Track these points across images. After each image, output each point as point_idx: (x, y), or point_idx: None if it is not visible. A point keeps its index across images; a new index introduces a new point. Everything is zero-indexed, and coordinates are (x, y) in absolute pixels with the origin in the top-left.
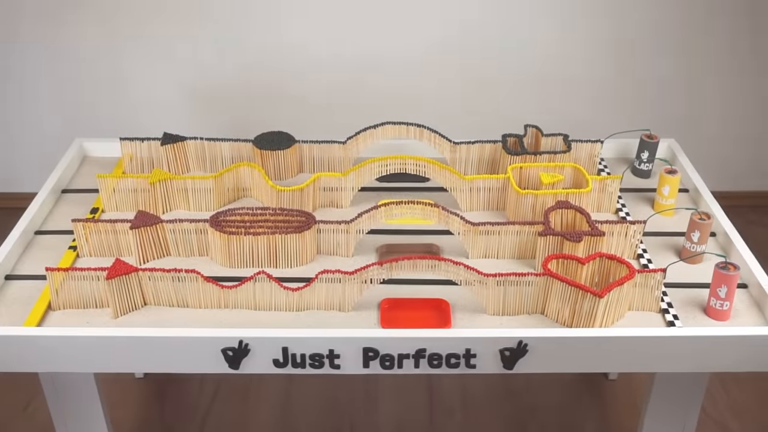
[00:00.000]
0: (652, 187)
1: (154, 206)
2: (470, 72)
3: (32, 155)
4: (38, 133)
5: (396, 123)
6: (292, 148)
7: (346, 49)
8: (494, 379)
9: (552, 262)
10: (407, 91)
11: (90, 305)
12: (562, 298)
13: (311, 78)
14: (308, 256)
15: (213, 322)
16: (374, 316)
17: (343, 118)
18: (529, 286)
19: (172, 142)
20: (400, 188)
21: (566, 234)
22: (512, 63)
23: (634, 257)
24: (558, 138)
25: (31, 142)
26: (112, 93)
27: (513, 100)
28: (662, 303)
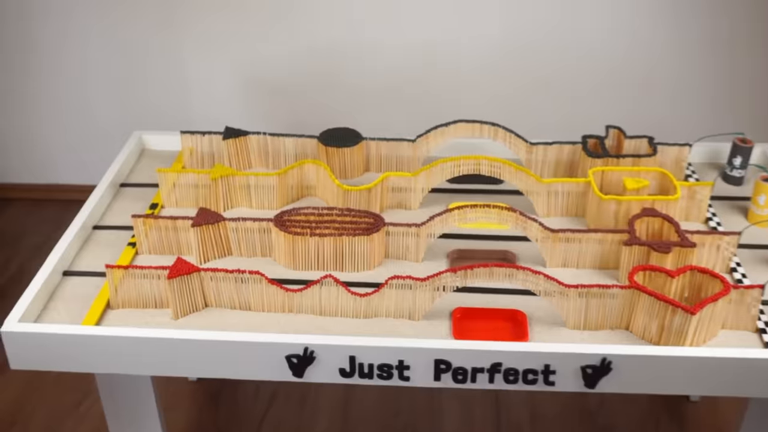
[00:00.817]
0: (745, 196)
1: (215, 203)
2: (546, 69)
3: (89, 147)
4: (95, 126)
5: (469, 121)
6: (359, 146)
7: (416, 42)
8: (566, 397)
9: (638, 274)
10: (480, 88)
11: (149, 305)
12: (650, 313)
13: (377, 72)
14: (376, 260)
15: (276, 326)
16: (446, 326)
17: (411, 115)
18: (613, 299)
19: (235, 137)
20: (471, 190)
21: (654, 244)
22: (589, 61)
23: (726, 271)
24: (642, 141)
25: (89, 135)
26: (170, 85)
27: (592, 100)
28: (759, 322)
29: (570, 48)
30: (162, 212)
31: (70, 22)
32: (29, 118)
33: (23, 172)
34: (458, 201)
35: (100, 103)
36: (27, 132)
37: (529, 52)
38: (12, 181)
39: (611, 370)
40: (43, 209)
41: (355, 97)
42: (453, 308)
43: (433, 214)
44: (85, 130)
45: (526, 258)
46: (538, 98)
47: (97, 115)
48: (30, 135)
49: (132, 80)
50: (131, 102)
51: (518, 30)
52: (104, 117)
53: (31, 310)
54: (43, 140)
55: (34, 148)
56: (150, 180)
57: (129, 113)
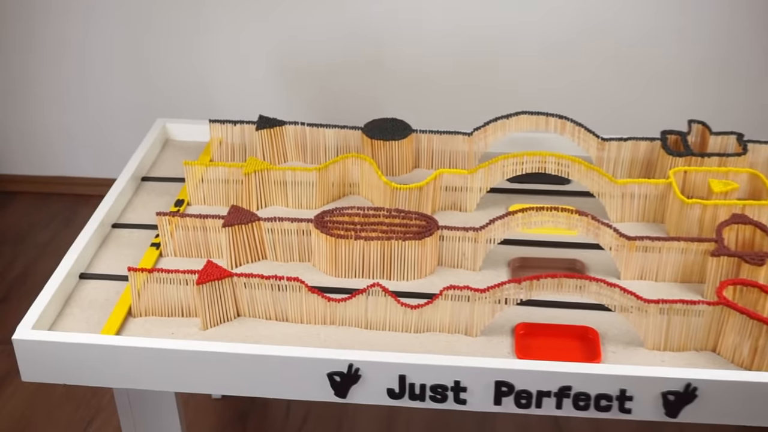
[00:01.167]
0: None
1: (248, 200)
2: (619, 58)
3: (102, 136)
4: (115, 114)
5: (533, 113)
6: (408, 139)
7: (469, 25)
8: (636, 425)
9: (728, 289)
10: (542, 76)
11: (175, 313)
12: (741, 333)
13: (427, 58)
14: (428, 267)
15: (316, 340)
16: (507, 343)
17: (464, 106)
18: (699, 316)
19: (269, 127)
20: (533, 191)
21: (745, 255)
22: (667, 50)
23: None
24: (730, 138)
25: (101, 122)
26: (195, 69)
27: (671, 91)
28: None
29: (644, 29)
30: (188, 210)
31: (83, 2)
32: (33, 101)
33: (27, 163)
34: (518, 203)
35: (114, 85)
36: (30, 117)
37: (598, 34)
38: (15, 172)
39: (696, 397)
40: (49, 204)
41: (403, 85)
42: (515, 323)
43: (493, 217)
44: (97, 116)
45: (597, 268)
46: (609, 89)
47: (111, 99)
48: (34, 121)
49: (153, 62)
50: (151, 86)
51: (587, 9)
52: (119, 102)
53: (45, 316)
54: (49, 127)
55: (38, 136)
56: (174, 173)
57: (148, 98)
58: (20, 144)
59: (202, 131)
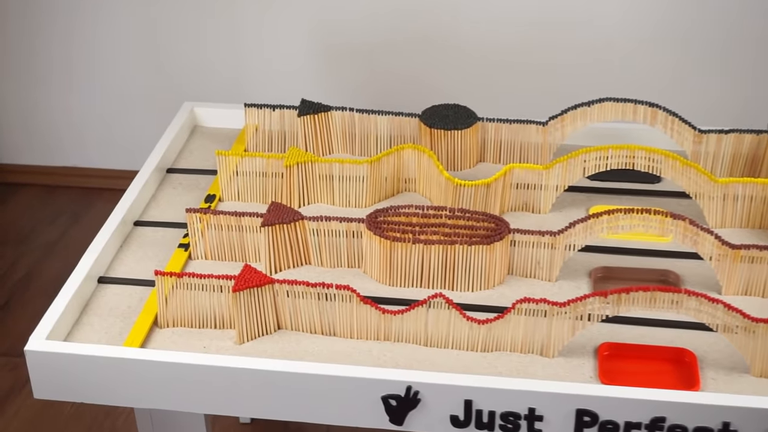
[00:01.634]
0: None
1: (289, 197)
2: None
3: (122, 124)
4: (130, 98)
5: (619, 100)
6: (473, 128)
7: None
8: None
9: None
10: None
11: (207, 324)
12: None
13: (495, 31)
14: (497, 276)
15: (368, 358)
16: (589, 366)
17: (540, 89)
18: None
19: (313, 113)
20: (617, 190)
21: None
22: None
23: None
24: None
25: (121, 109)
26: (226, 47)
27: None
28: None
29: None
30: (220, 206)
31: None
32: (38, 83)
33: (31, 152)
34: (600, 203)
35: (131, 66)
36: (34, 101)
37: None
38: (17, 162)
39: None
40: (56, 198)
41: (466, 65)
42: (599, 343)
43: (572, 219)
44: (110, 100)
45: (694, 281)
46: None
47: (127, 82)
48: (38, 105)
49: (176, 40)
50: (173, 67)
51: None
52: (135, 85)
53: (60, 325)
54: (55, 112)
55: (43, 122)
56: (204, 165)
57: (169, 81)
58: (23, 131)
59: (235, 117)
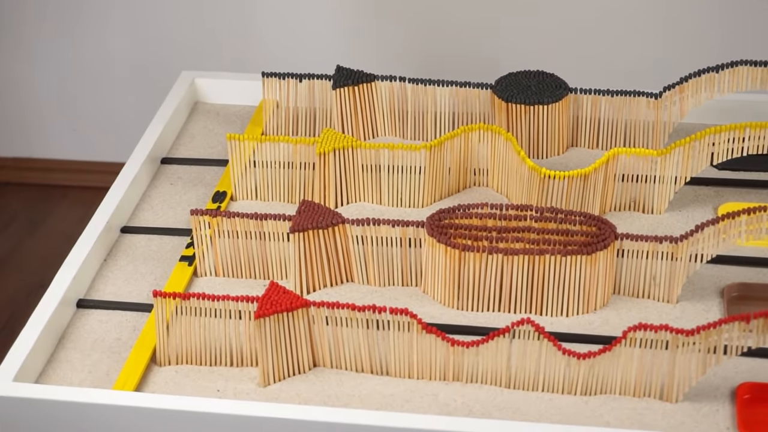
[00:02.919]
0: None
1: (324, 194)
2: None
3: (96, 102)
4: (117, 67)
5: (757, 63)
6: (563, 102)
7: None
8: None
9: None
10: None
11: (222, 360)
12: None
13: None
14: (601, 296)
15: (434, 404)
16: (725, 413)
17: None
18: None
19: (353, 84)
20: (757, 183)
21: None
22: None
23: None
24: None
25: (95, 83)
26: (232, 3)
27: None
28: None
29: None
30: (234, 206)
31: None
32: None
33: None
34: (733, 201)
35: (108, 27)
36: None
37: None
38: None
39: None
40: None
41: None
42: (737, 383)
43: (699, 222)
44: (79, 71)
45: None
46: None
47: (102, 48)
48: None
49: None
50: (167, 25)
51: None
52: (114, 52)
53: (31, 363)
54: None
55: (9, 105)
56: (210, 153)
57: (162, 43)
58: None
59: (249, 90)
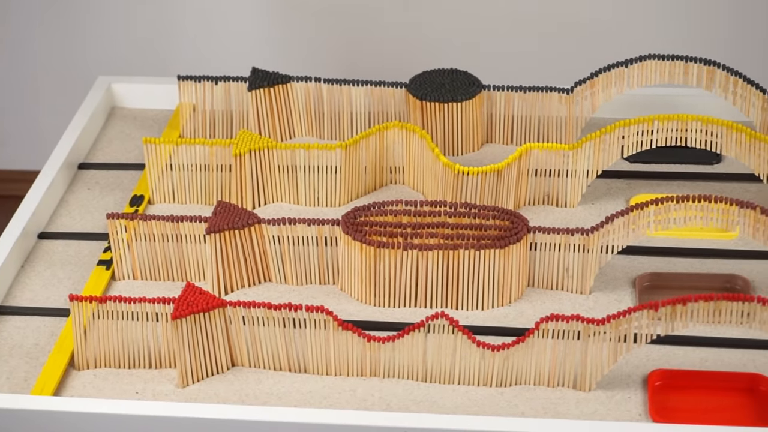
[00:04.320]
0: None
1: (240, 195)
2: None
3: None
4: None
5: (664, 57)
6: (477, 99)
7: None
8: None
9: None
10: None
11: (140, 362)
12: None
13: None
14: (515, 289)
15: (352, 399)
16: (636, 400)
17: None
18: None
19: (269, 85)
20: (667, 174)
21: None
22: None
23: None
24: None
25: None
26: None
27: None
28: None
29: None
30: (151, 210)
31: None
32: None
33: None
34: (645, 192)
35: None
36: None
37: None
38: None
39: None
40: None
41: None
42: (648, 371)
43: (610, 213)
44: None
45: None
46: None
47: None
48: None
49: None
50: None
51: None
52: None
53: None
54: None
55: None
56: (127, 157)
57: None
58: None
59: (165, 94)
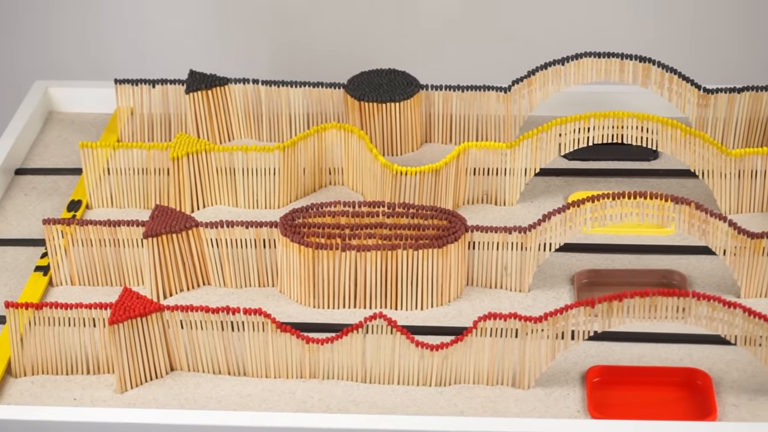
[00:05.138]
0: None
1: (179, 198)
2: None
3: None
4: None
5: (600, 55)
6: (415, 99)
7: None
8: None
9: None
10: None
11: (77, 369)
12: None
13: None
14: (453, 288)
15: (291, 402)
16: (575, 396)
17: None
18: None
19: (206, 88)
20: (605, 171)
21: None
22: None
23: None
24: None
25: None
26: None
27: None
28: None
29: None
30: (88, 215)
31: None
32: None
33: None
34: (583, 189)
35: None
36: None
37: None
38: None
39: None
40: None
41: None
42: (587, 368)
43: (547, 211)
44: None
45: (705, 282)
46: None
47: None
48: None
49: None
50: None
51: None
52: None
53: None
54: None
55: None
56: (64, 162)
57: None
58: None
59: (103, 98)
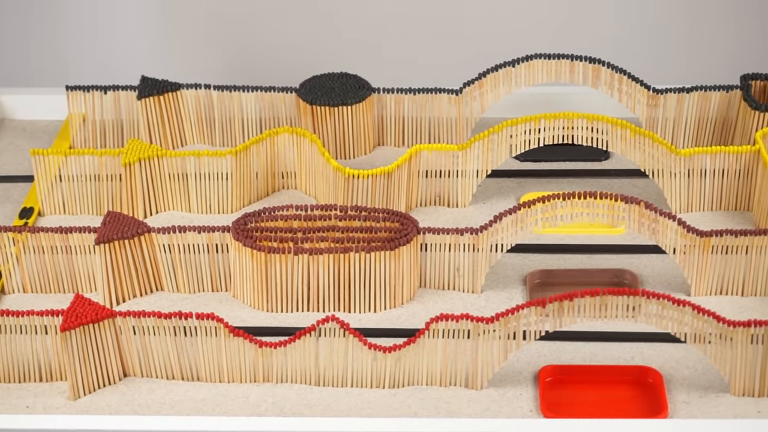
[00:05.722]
0: None
1: (131, 204)
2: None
3: None
4: None
5: (550, 56)
6: (367, 103)
7: None
8: None
9: None
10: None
11: (29, 376)
12: None
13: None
14: (406, 290)
15: (244, 406)
16: (528, 396)
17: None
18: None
19: (158, 93)
20: (557, 173)
21: None
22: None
23: None
24: None
25: None
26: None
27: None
28: None
29: None
30: (40, 222)
31: None
32: None
33: None
34: (534, 190)
35: None
36: None
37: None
38: None
39: None
40: None
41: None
42: (539, 367)
43: (499, 212)
44: None
45: (655, 281)
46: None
47: None
48: None
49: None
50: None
51: None
52: None
53: None
54: None
55: None
56: (16, 169)
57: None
58: None
59: (54, 105)
